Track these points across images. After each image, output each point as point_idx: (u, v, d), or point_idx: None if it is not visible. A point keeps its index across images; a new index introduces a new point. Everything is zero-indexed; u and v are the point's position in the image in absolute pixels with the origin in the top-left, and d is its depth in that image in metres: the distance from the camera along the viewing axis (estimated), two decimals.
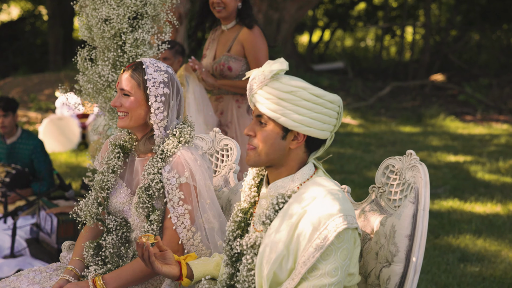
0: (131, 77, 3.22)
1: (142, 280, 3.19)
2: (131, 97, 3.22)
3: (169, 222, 3.19)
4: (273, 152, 2.73)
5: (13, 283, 3.17)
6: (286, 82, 2.68)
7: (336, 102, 2.71)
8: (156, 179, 3.18)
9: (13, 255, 5.66)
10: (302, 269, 2.59)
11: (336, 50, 25.49)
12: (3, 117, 6.90)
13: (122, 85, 3.23)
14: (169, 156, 3.21)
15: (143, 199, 3.17)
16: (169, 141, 3.22)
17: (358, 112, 14.98)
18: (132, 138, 3.35)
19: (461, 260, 6.00)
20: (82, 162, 10.03)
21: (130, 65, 3.26)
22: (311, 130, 2.68)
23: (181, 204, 3.18)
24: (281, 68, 2.69)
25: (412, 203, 2.86)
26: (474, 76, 17.88)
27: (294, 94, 2.66)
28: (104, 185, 3.31)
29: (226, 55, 5.53)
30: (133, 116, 3.23)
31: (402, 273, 2.85)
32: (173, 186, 3.17)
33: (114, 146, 3.35)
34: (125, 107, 3.22)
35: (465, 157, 10.70)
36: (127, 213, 3.31)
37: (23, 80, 15.40)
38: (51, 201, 6.35)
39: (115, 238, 3.26)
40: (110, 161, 3.32)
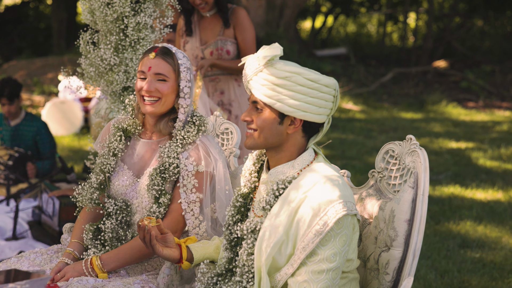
0: (166, 62, 3.21)
1: (140, 259, 3.21)
2: (168, 82, 3.21)
3: (176, 206, 3.22)
4: (271, 137, 2.75)
5: (14, 265, 3.19)
6: (281, 68, 2.68)
7: (331, 85, 2.71)
8: (174, 164, 3.19)
9: (15, 237, 5.69)
10: (302, 254, 2.61)
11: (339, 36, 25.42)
12: (9, 105, 6.98)
13: (157, 69, 3.20)
14: (189, 143, 3.24)
15: (157, 181, 3.19)
16: (190, 128, 3.24)
17: (360, 98, 14.97)
18: (135, 122, 3.35)
19: (461, 246, 6.02)
20: (85, 146, 10.05)
21: (157, 49, 3.22)
22: (307, 114, 2.69)
23: (194, 191, 3.21)
24: (275, 54, 2.70)
25: (412, 188, 2.88)
26: (476, 62, 17.82)
27: (289, 80, 2.67)
28: (104, 168, 3.31)
29: (221, 39, 5.53)
30: (165, 102, 3.23)
31: (401, 258, 2.87)
32: (189, 173, 3.20)
33: (116, 129, 3.35)
34: (161, 92, 3.20)
35: (467, 143, 10.70)
36: (129, 196, 3.32)
37: (26, 63, 15.40)
38: (53, 184, 6.37)
39: (114, 223, 3.26)
40: (112, 144, 3.33)
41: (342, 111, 13.52)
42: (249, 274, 2.75)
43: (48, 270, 3.20)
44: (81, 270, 3.12)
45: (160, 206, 3.20)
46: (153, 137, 3.36)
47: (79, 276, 3.09)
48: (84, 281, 3.02)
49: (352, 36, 25.29)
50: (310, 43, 20.80)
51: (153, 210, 3.19)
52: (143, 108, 3.24)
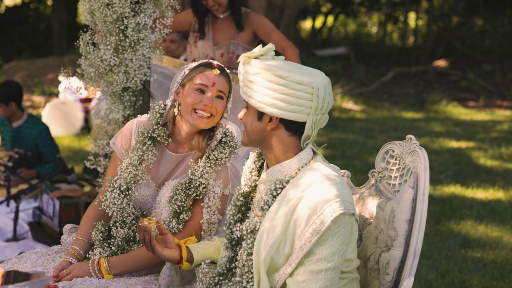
0: (226, 81, 3.21)
1: (148, 267, 3.21)
2: (224, 101, 3.22)
3: (193, 224, 3.23)
4: (253, 133, 2.77)
5: (16, 265, 3.19)
6: (254, 65, 2.71)
7: (306, 83, 2.65)
8: (204, 184, 3.19)
9: (16, 238, 5.68)
10: (299, 254, 2.60)
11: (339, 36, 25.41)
12: (5, 107, 6.89)
13: (221, 87, 3.19)
14: (219, 164, 3.24)
15: (180, 197, 3.19)
16: (223, 149, 3.24)
17: (360, 97, 14.96)
18: (165, 132, 3.31)
19: (462, 246, 6.01)
20: (85, 146, 10.05)
21: (217, 66, 3.21)
22: (276, 111, 2.67)
23: (216, 213, 3.24)
24: (252, 52, 2.75)
25: (412, 187, 2.88)
26: (477, 62, 17.81)
27: (259, 76, 2.69)
28: (129, 176, 3.27)
29: (233, 43, 5.53)
30: (216, 119, 3.22)
31: (401, 258, 2.86)
32: (215, 195, 3.22)
33: (145, 136, 3.30)
34: (217, 110, 3.19)
35: (467, 143, 10.69)
36: (148, 205, 3.33)
37: (27, 64, 15.38)
38: (53, 184, 6.37)
39: (127, 231, 3.27)
40: (145, 155, 3.29)
41: (342, 110, 13.51)
42: (249, 274, 2.75)
43: (51, 269, 3.19)
44: (88, 269, 3.13)
45: (180, 223, 3.21)
46: (179, 150, 3.34)
47: (85, 275, 3.10)
48: (88, 282, 3.03)
49: (352, 36, 25.28)
50: (310, 43, 20.78)
51: (172, 225, 3.20)
52: (194, 121, 3.18)
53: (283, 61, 2.76)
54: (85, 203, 5.71)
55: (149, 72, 4.48)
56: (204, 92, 3.17)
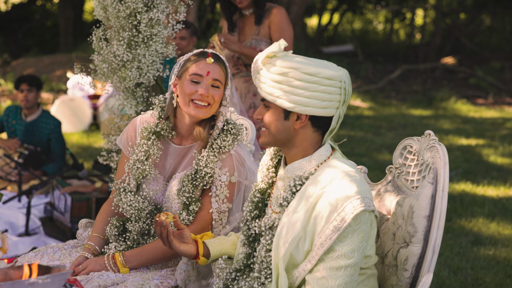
0: (221, 69, 3.20)
1: (162, 260, 3.21)
2: (220, 89, 3.21)
3: (203, 214, 3.22)
4: (278, 133, 2.73)
5: (33, 259, 3.19)
6: (279, 64, 2.66)
7: (335, 77, 2.65)
8: (209, 173, 3.19)
9: (28, 233, 5.70)
10: (320, 250, 2.59)
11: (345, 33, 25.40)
12: (28, 91, 7.07)
13: (215, 75, 3.18)
14: (223, 152, 3.23)
15: (188, 188, 3.18)
16: (226, 137, 3.23)
17: (368, 95, 14.94)
18: (168, 126, 3.31)
19: (474, 243, 5.99)
20: (94, 143, 10.06)
21: (211, 55, 3.19)
22: (309, 109, 2.65)
23: (225, 201, 3.22)
24: (272, 50, 2.69)
25: (431, 183, 2.86)
26: (485, 59, 17.78)
27: (286, 75, 2.64)
28: (137, 172, 3.28)
29: (255, 38, 5.54)
30: (214, 108, 3.22)
31: (420, 254, 2.85)
32: (222, 183, 3.21)
33: (149, 132, 3.30)
34: (214, 99, 3.18)
35: (477, 140, 10.67)
36: (159, 200, 3.33)
37: (34, 61, 15.42)
38: (64, 180, 6.38)
39: (141, 225, 3.27)
40: (151, 150, 3.28)
41: (350, 108, 13.50)
42: (267, 270, 2.74)
43: (68, 264, 3.19)
44: (103, 264, 3.13)
45: (190, 214, 3.20)
46: (184, 142, 3.33)
47: (101, 269, 3.10)
48: (105, 276, 3.03)
49: (358, 33, 25.25)
50: (317, 40, 20.77)
51: (182, 217, 3.20)
52: (191, 111, 3.18)
53: (302, 57, 2.73)
54: (96, 198, 5.72)
55: (161, 68, 4.47)
56: (200, 82, 3.17)
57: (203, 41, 14.99)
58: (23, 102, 7.13)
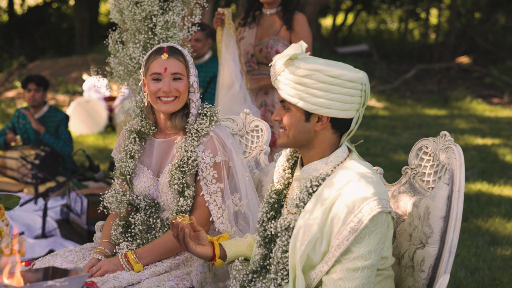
0: (179, 60, 3.25)
1: (174, 252, 3.25)
2: (183, 80, 3.26)
3: (200, 199, 3.27)
4: (299, 135, 2.73)
5: (49, 262, 3.22)
6: (302, 66, 2.66)
7: (356, 80, 2.67)
8: (192, 157, 3.23)
9: (44, 235, 5.73)
10: (336, 252, 2.59)
11: (360, 33, 25.35)
12: (35, 91, 7.17)
13: (173, 69, 3.23)
14: (203, 135, 3.26)
15: (177, 176, 3.23)
16: (202, 120, 3.28)
17: (383, 95, 14.91)
18: (148, 123, 3.38)
19: (491, 243, 5.97)
20: (109, 145, 10.09)
21: (166, 50, 3.26)
22: (331, 111, 2.67)
23: (214, 182, 3.26)
24: (294, 52, 2.69)
25: (447, 184, 2.85)
26: (500, 58, 17.69)
27: (310, 78, 2.64)
28: (124, 171, 3.35)
29: (273, 39, 5.54)
30: (183, 99, 3.28)
31: (436, 255, 2.84)
32: (207, 165, 3.25)
33: (129, 132, 3.39)
34: (179, 91, 3.24)
35: (493, 140, 10.62)
36: (153, 196, 3.35)
37: (50, 63, 15.48)
38: (80, 182, 6.41)
39: (143, 216, 3.31)
40: (127, 147, 3.36)
41: (365, 108, 13.45)
42: (284, 272, 2.74)
43: (82, 267, 3.22)
44: (118, 263, 3.16)
45: (187, 199, 3.24)
46: (167, 136, 3.39)
47: (115, 268, 3.14)
48: (120, 277, 3.05)
49: (373, 33, 25.19)
50: (331, 41, 20.75)
51: (180, 203, 3.24)
52: (161, 107, 3.26)
53: (323, 59, 2.74)
54: None
55: None
56: (161, 79, 3.23)
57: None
58: (30, 100, 7.26)
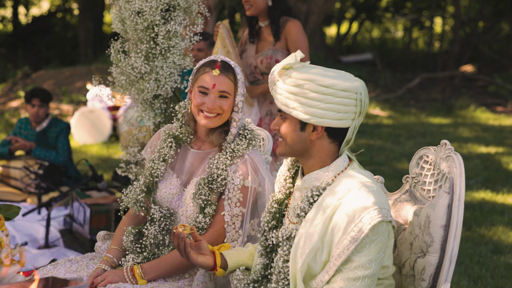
0: (229, 79, 3.22)
1: (180, 271, 3.22)
2: (229, 99, 3.23)
3: (220, 218, 3.25)
4: (295, 144, 2.74)
5: (51, 272, 3.21)
6: (295, 76, 2.67)
7: (350, 89, 2.65)
8: (223, 176, 3.21)
9: (48, 245, 5.73)
10: (337, 261, 2.59)
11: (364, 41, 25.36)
12: (39, 107, 7.20)
13: (222, 87, 3.20)
14: (237, 156, 3.26)
15: (204, 191, 3.21)
16: (240, 141, 3.26)
17: (387, 103, 14.90)
18: (187, 131, 3.36)
19: (494, 252, 5.95)
20: (113, 154, 10.10)
21: (219, 65, 3.22)
22: (325, 120, 2.66)
23: (238, 205, 3.24)
24: (288, 62, 2.69)
25: (447, 193, 2.85)
26: (504, 67, 17.68)
27: (302, 87, 2.65)
28: (154, 172, 3.33)
29: (272, 49, 5.56)
30: (225, 117, 3.26)
31: (437, 264, 2.84)
32: (235, 187, 3.23)
33: (167, 135, 3.37)
34: (223, 109, 3.22)
35: (496, 148, 10.60)
36: (175, 204, 3.35)
37: (54, 73, 15.51)
38: (84, 192, 6.41)
39: (157, 229, 3.29)
40: (162, 150, 3.35)
41: (369, 117, 13.46)
42: (285, 281, 2.74)
43: (85, 276, 3.22)
44: (122, 276, 3.15)
45: (206, 216, 3.22)
46: (203, 148, 3.37)
47: (119, 281, 3.12)
48: (122, 287, 3.04)
49: (377, 41, 25.20)
50: (336, 49, 20.76)
51: (199, 220, 3.22)
52: (201, 121, 3.24)
53: (320, 67, 2.74)
54: (115, 210, 5.74)
55: (179, 79, 4.50)
56: (207, 94, 3.21)
57: None
58: (33, 116, 7.27)
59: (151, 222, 3.31)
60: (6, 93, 15.05)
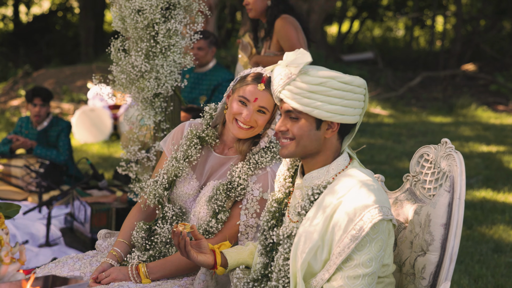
0: (271, 95, 3.18)
1: (185, 272, 3.23)
2: (266, 115, 3.22)
3: (230, 225, 3.25)
4: (310, 144, 2.72)
5: (53, 270, 3.21)
6: (315, 74, 2.65)
7: (362, 85, 2.70)
8: (243, 185, 3.21)
9: (48, 244, 5.73)
10: (337, 260, 2.59)
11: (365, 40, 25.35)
12: (41, 106, 7.20)
13: (263, 103, 3.18)
14: (259, 168, 3.25)
15: (221, 197, 3.21)
16: (265, 154, 3.26)
17: (388, 102, 14.90)
18: (214, 134, 3.36)
19: (495, 250, 5.95)
20: (114, 153, 10.11)
21: (265, 80, 3.19)
22: (344, 117, 2.68)
23: (255, 216, 3.25)
24: (306, 61, 2.67)
25: (448, 191, 2.85)
26: (506, 65, 17.66)
27: (325, 85, 2.64)
28: (178, 173, 3.33)
29: (267, 52, 5.56)
30: (257, 131, 3.25)
31: (437, 262, 2.84)
32: (254, 198, 3.24)
33: (193, 135, 3.36)
34: (258, 123, 3.21)
35: (497, 147, 10.60)
36: (189, 205, 3.35)
37: (55, 72, 15.51)
38: (84, 191, 6.41)
39: (170, 228, 3.30)
40: (189, 151, 3.33)
41: (370, 115, 13.46)
42: (285, 279, 2.74)
43: (89, 273, 3.23)
44: (127, 273, 3.16)
45: (218, 222, 3.23)
46: (225, 152, 3.38)
47: (123, 278, 3.13)
48: (125, 286, 3.05)
49: (378, 40, 25.18)
50: (337, 48, 20.74)
51: (211, 225, 3.22)
52: (233, 129, 3.23)
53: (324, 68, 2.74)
54: (116, 208, 5.74)
55: (180, 78, 4.50)
56: (247, 105, 3.19)
57: (222, 51, 15.04)
58: (35, 117, 7.26)
59: (162, 220, 3.32)
60: (7, 91, 15.06)
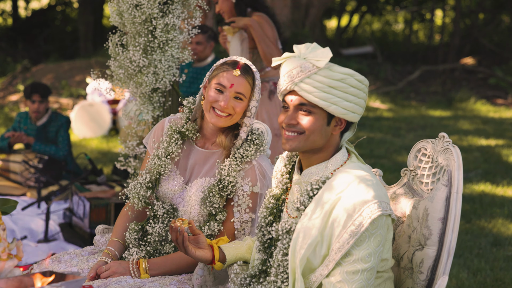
0: (247, 82, 3.20)
1: (185, 270, 3.23)
2: (244, 102, 3.21)
3: (229, 224, 3.26)
4: (319, 139, 2.72)
5: (51, 266, 3.21)
6: (336, 70, 2.67)
7: (367, 84, 2.73)
8: (233, 182, 3.21)
9: (47, 239, 5.73)
10: (337, 255, 2.60)
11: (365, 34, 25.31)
12: (39, 103, 7.19)
13: (239, 88, 3.18)
14: (245, 162, 3.25)
15: (215, 199, 3.21)
16: (248, 147, 3.25)
17: (387, 96, 14.89)
18: (194, 128, 3.35)
19: (493, 244, 5.96)
20: (113, 148, 10.10)
21: (240, 66, 3.20)
22: (355, 116, 2.71)
23: (248, 211, 3.25)
24: (330, 56, 2.68)
25: (445, 186, 2.85)
26: (505, 59, 17.64)
27: (344, 81, 2.66)
28: (160, 170, 3.31)
29: (243, 49, 5.51)
30: (235, 119, 3.24)
31: (435, 256, 2.84)
32: (244, 193, 3.24)
33: (173, 131, 3.34)
34: (235, 110, 3.20)
35: (496, 141, 10.60)
36: (176, 201, 3.34)
37: (54, 67, 15.49)
38: (83, 186, 6.41)
39: (161, 226, 3.29)
40: (170, 148, 3.32)
41: (369, 109, 13.45)
42: (284, 274, 2.74)
43: (86, 270, 3.22)
44: (127, 267, 3.16)
45: (219, 223, 3.23)
46: (207, 146, 3.36)
47: (123, 272, 3.13)
48: (123, 281, 3.05)
49: (378, 34, 25.15)
50: (336, 42, 20.71)
51: (212, 227, 3.22)
52: (211, 118, 3.22)
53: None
54: (115, 204, 5.74)
55: (178, 73, 4.49)
56: (223, 92, 3.19)
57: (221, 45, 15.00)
58: (34, 113, 7.26)
59: (154, 219, 3.31)
60: (6, 87, 15.04)
